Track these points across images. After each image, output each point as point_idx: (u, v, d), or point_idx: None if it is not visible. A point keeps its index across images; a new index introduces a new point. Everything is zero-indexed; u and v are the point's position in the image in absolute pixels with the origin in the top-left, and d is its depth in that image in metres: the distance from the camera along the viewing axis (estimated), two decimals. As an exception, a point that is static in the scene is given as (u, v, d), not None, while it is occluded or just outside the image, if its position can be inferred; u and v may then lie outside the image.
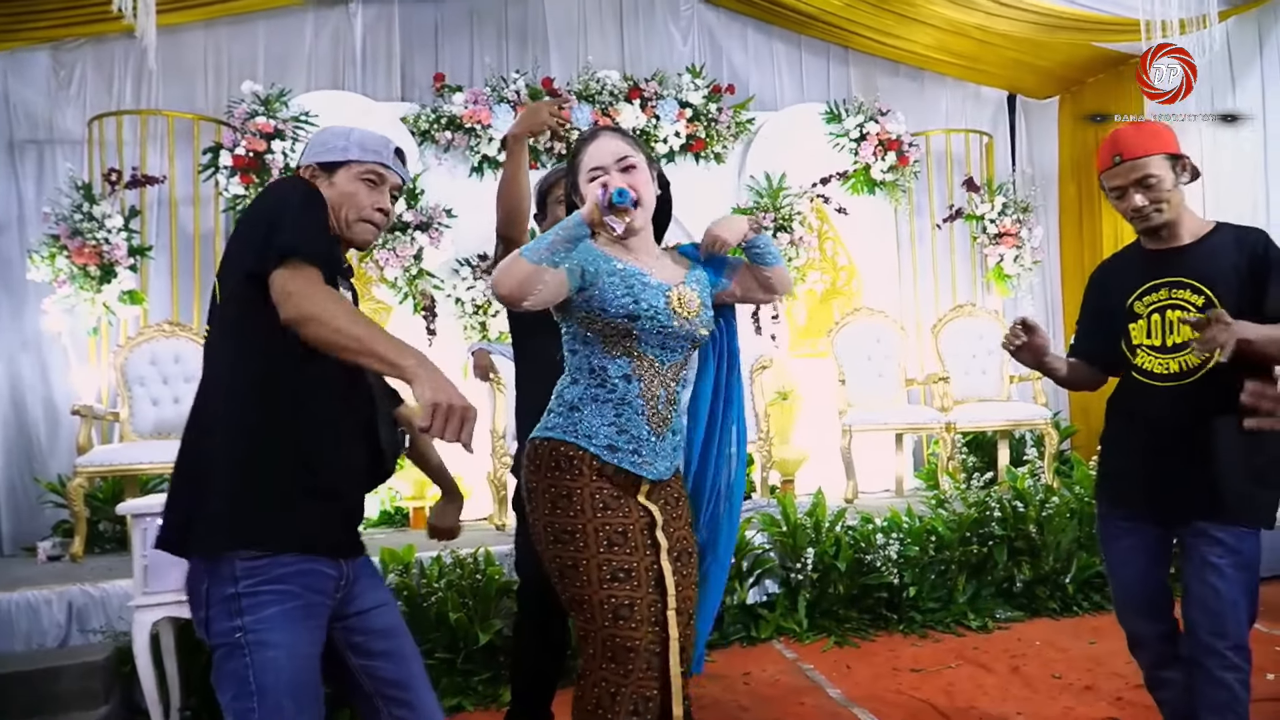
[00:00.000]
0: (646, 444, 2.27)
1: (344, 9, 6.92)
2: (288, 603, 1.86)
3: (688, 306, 2.28)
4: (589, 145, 2.34)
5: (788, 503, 4.83)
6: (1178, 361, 2.51)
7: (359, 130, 2.15)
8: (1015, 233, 7.12)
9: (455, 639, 4.05)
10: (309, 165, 2.09)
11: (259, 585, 1.84)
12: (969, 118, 7.93)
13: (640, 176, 2.30)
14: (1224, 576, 2.43)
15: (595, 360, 2.27)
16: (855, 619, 4.58)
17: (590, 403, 2.26)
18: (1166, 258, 2.57)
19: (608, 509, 2.22)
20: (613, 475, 2.25)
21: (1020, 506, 4.89)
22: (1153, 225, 2.55)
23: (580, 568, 2.19)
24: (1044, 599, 4.76)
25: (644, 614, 2.17)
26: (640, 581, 2.19)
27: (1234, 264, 2.47)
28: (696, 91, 6.76)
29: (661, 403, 2.29)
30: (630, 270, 2.26)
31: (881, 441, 6.45)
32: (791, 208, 6.78)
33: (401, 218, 6.03)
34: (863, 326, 6.52)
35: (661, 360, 2.29)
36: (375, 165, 2.10)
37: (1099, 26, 6.39)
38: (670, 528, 2.32)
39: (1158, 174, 2.50)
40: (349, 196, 2.07)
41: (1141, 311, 2.58)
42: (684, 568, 2.32)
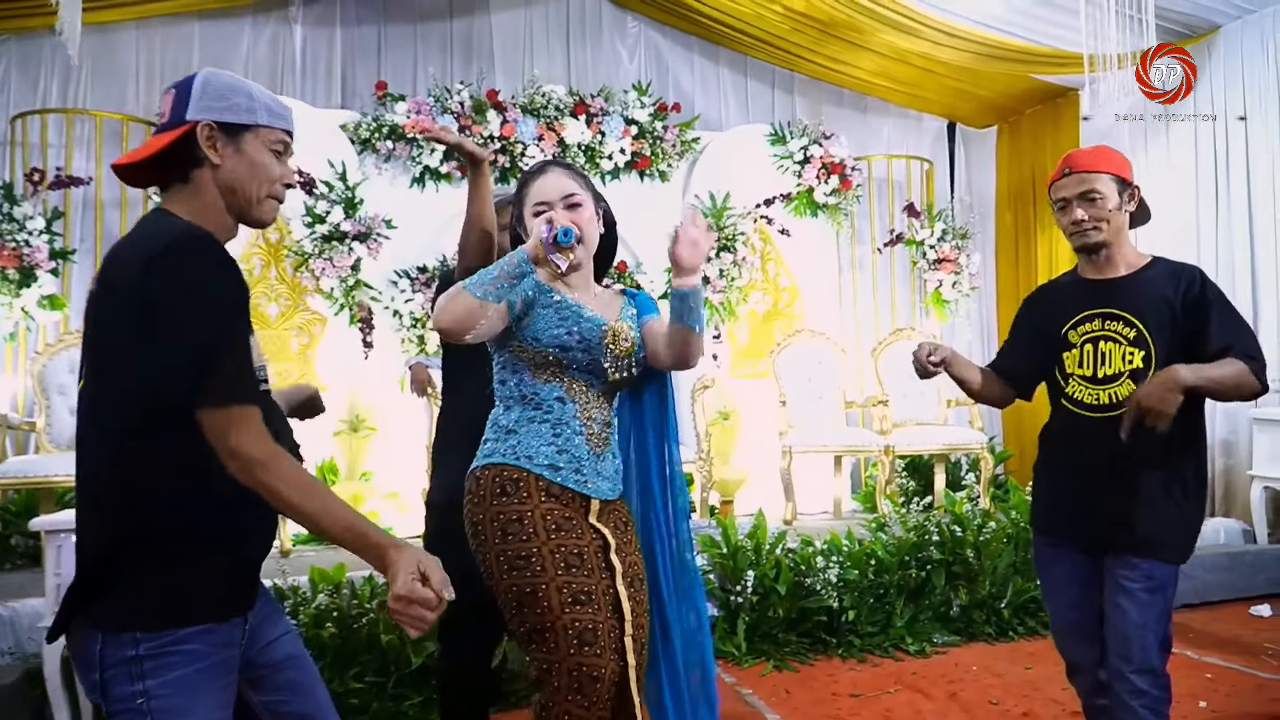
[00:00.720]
0: (587, 463, 2.23)
1: (284, 14, 6.80)
2: (196, 664, 1.65)
3: (620, 343, 2.26)
4: (536, 179, 2.32)
5: (729, 524, 4.78)
6: (1108, 393, 2.52)
7: (255, 85, 1.81)
8: (954, 259, 7.20)
9: (386, 662, 3.92)
10: (206, 122, 1.71)
11: (163, 648, 1.62)
12: (910, 144, 8.03)
13: (584, 214, 2.29)
14: (1135, 600, 2.45)
15: (526, 387, 2.24)
16: (794, 643, 4.53)
17: (527, 424, 2.22)
18: (1102, 288, 2.58)
19: (561, 530, 2.15)
20: (560, 495, 2.20)
21: (958, 531, 4.90)
22: (1089, 243, 2.55)
23: (540, 593, 2.09)
24: (980, 623, 4.77)
25: (606, 639, 2.10)
26: (600, 605, 2.12)
27: (1167, 299, 2.49)
28: (642, 109, 6.73)
29: (598, 424, 2.27)
30: (566, 302, 2.24)
31: (820, 463, 6.44)
32: (735, 228, 6.78)
33: (339, 227, 5.90)
34: (804, 348, 6.52)
35: (592, 384, 2.27)
36: (285, 133, 1.81)
37: (1038, 59, 6.52)
38: (622, 552, 2.27)
39: (1102, 191, 2.52)
40: (260, 169, 1.76)
41: (1075, 340, 2.59)
42: (636, 593, 2.26)
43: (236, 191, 1.75)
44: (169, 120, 1.74)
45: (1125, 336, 2.51)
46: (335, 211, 5.92)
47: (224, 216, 1.76)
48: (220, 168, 1.73)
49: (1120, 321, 2.52)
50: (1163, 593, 2.47)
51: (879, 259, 7.54)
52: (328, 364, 6.03)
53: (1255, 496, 5.55)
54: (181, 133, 1.71)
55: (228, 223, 1.77)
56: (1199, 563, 5.16)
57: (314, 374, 6.00)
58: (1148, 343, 2.48)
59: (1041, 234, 7.52)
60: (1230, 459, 5.99)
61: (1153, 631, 2.45)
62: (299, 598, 4.02)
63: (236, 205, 1.77)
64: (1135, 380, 2.45)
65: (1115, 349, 2.52)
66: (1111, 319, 2.53)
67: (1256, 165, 5.90)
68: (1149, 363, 2.47)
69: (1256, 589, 5.15)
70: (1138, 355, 2.48)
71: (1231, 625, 4.67)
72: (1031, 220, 7.67)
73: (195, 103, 1.72)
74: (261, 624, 1.84)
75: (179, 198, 1.74)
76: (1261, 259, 5.89)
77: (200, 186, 1.74)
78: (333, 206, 5.94)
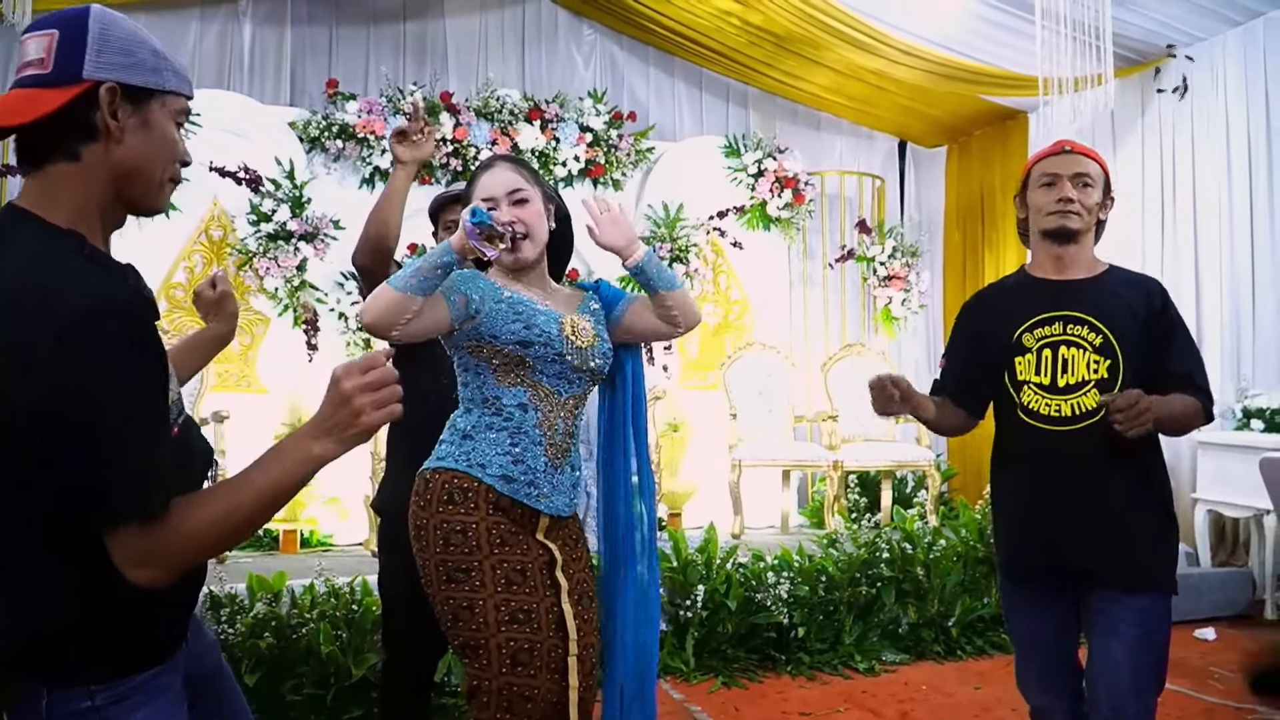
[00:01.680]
0: (543, 476, 2.16)
1: (233, 8, 6.64)
2: (161, 696, 1.46)
3: (581, 335, 2.20)
4: (482, 175, 2.26)
5: (679, 538, 4.73)
6: (1070, 404, 2.29)
7: (152, 37, 1.42)
8: (904, 276, 7.25)
9: (326, 673, 3.79)
10: (111, 84, 1.33)
11: (123, 695, 1.41)
12: (862, 161, 8.07)
13: (531, 210, 2.22)
14: (1129, 645, 2.22)
15: (488, 390, 2.17)
16: (743, 659, 4.48)
17: (484, 431, 2.15)
18: (1063, 289, 2.38)
19: (505, 545, 2.09)
20: (508, 509, 2.12)
21: (909, 548, 4.89)
22: (1069, 227, 2.35)
23: (476, 609, 2.04)
24: (929, 641, 4.75)
25: (544, 660, 2.04)
26: (541, 624, 2.05)
27: (1131, 309, 2.33)
28: (598, 116, 6.67)
29: (560, 434, 2.19)
30: (518, 298, 2.18)
31: (768, 477, 6.41)
32: (688, 239, 6.74)
33: (285, 226, 5.75)
34: (754, 361, 6.51)
35: (559, 391, 2.19)
36: (187, 101, 1.46)
37: (990, 80, 6.58)
38: (570, 568, 2.20)
39: (1094, 180, 2.38)
40: (164, 144, 1.40)
41: (1030, 345, 2.35)
42: (585, 611, 2.20)
43: (136, 175, 1.39)
44: (52, 72, 1.32)
45: (1090, 342, 2.30)
46: (281, 210, 5.77)
47: (111, 209, 1.40)
48: (121, 144, 1.35)
49: (1085, 325, 2.31)
50: (1159, 631, 2.26)
51: (830, 274, 7.55)
52: (270, 366, 5.87)
53: (1199, 520, 5.62)
54: (76, 93, 1.31)
55: (115, 216, 1.42)
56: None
57: (255, 375, 5.84)
58: (1115, 351, 2.29)
59: (989, 253, 7.59)
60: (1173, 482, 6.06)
61: (1150, 679, 2.25)
62: (236, 606, 3.88)
63: (132, 191, 1.40)
64: (1102, 391, 2.26)
65: (1079, 355, 2.30)
66: (1074, 322, 2.32)
67: (1202, 189, 6.00)
68: (1115, 373, 2.28)
69: (1201, 612, 5.20)
70: (1104, 364, 2.28)
71: (1176, 648, 4.53)
72: (979, 240, 7.74)
73: (93, 55, 1.32)
74: (192, 638, 1.66)
75: (54, 184, 1.34)
76: (1205, 283, 5.98)
77: (90, 169, 1.35)
78: (279, 205, 5.79)
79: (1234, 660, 4.62)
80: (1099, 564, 2.27)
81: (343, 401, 1.31)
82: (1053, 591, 2.38)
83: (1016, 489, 2.44)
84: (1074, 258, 2.40)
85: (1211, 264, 5.96)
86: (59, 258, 1.30)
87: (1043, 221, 2.40)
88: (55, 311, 1.22)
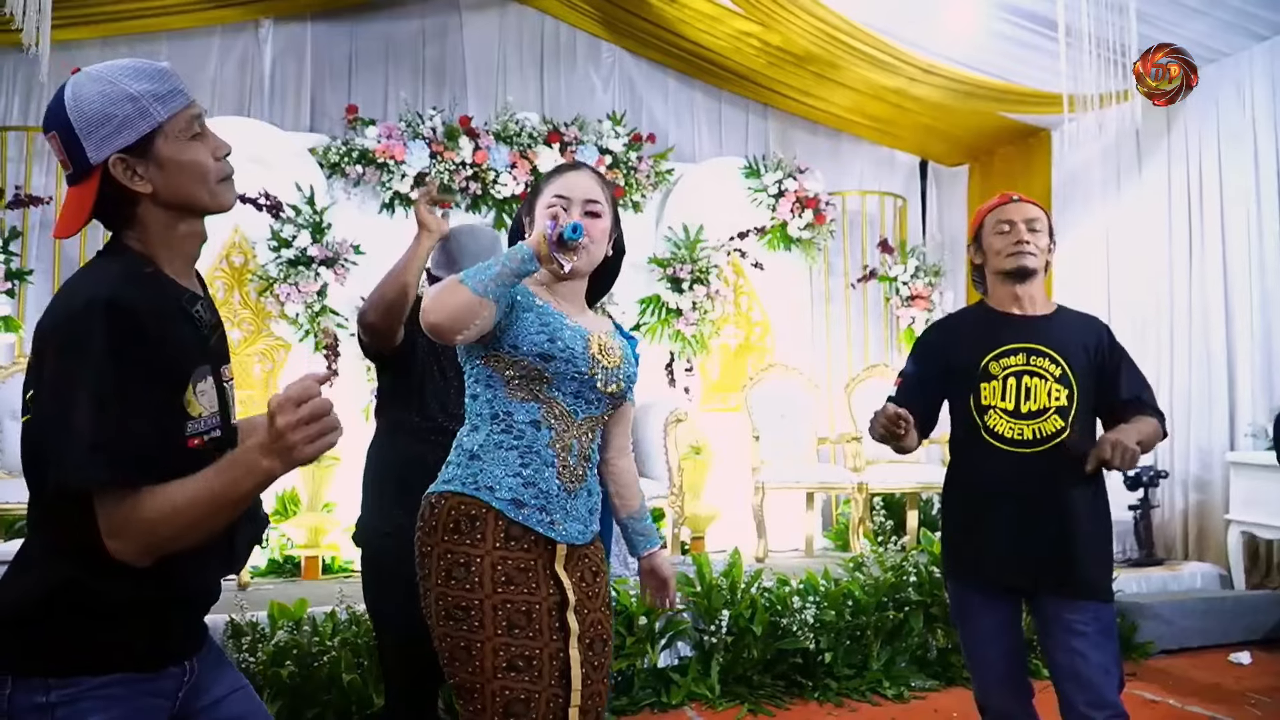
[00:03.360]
0: (556, 500, 2.01)
1: (253, 33, 6.68)
2: (114, 709, 1.49)
3: (609, 355, 2.08)
4: (567, 173, 2.15)
5: (704, 562, 4.66)
6: (1033, 428, 2.53)
7: (123, 72, 1.52)
8: (927, 295, 7.19)
9: (348, 702, 3.75)
10: (118, 158, 1.50)
11: (79, 695, 1.46)
12: (883, 181, 8.03)
13: (600, 225, 2.11)
14: (1092, 643, 2.44)
15: (499, 405, 2.03)
16: (770, 685, 4.40)
17: (493, 450, 2.01)
18: (1027, 324, 2.62)
19: (511, 584, 1.95)
20: (520, 537, 1.98)
21: (936, 571, 4.80)
22: (1026, 266, 2.59)
23: (473, 652, 1.91)
24: (959, 667, 4.65)
25: (541, 711, 1.91)
26: (542, 672, 1.93)
27: (1083, 344, 2.59)
28: (617, 139, 6.66)
29: (574, 455, 2.05)
30: (549, 309, 2.06)
31: (791, 500, 6.34)
32: (708, 260, 6.70)
33: (306, 251, 5.76)
34: (776, 383, 6.45)
35: (575, 412, 2.06)
36: (188, 110, 1.56)
37: (1011, 97, 6.54)
38: (584, 608, 2.06)
39: (1042, 226, 2.64)
40: (192, 169, 1.55)
41: (996, 373, 2.58)
42: (596, 657, 2.06)
43: (183, 200, 1.57)
44: (74, 171, 1.53)
45: (1051, 373, 2.54)
46: (302, 236, 5.78)
47: (188, 232, 1.61)
48: (155, 192, 1.54)
49: (1046, 358, 2.56)
50: (1112, 633, 2.51)
51: (852, 294, 7.50)
52: (291, 392, 5.85)
53: (1233, 542, 5.51)
54: (96, 182, 1.51)
55: (194, 230, 1.62)
56: (1177, 608, 5.11)
57: (276, 402, 5.82)
58: (1071, 382, 2.54)
59: (1013, 273, 7.51)
60: (1203, 499, 5.97)
61: (1114, 673, 2.46)
62: (257, 634, 3.85)
63: (191, 208, 1.59)
64: (1061, 416, 2.52)
65: (1041, 384, 2.54)
66: (1037, 355, 2.56)
67: (1230, 205, 5.92)
68: (1072, 401, 2.53)
69: (1235, 635, 5.08)
70: (1063, 393, 2.53)
71: (1211, 673, 4.60)
72: (1003, 259, 7.67)
73: (87, 142, 1.50)
74: (213, 681, 1.68)
75: (132, 234, 1.57)
76: (1236, 301, 5.88)
77: (148, 219, 1.56)
78: (299, 231, 5.80)
79: (1270, 685, 4.51)
80: (1054, 573, 2.50)
81: (277, 436, 1.36)
82: (1001, 596, 2.59)
83: (975, 503, 2.62)
84: (1031, 295, 2.65)
85: (1241, 281, 5.86)
86: (102, 268, 1.53)
87: (1002, 263, 2.64)
88: (62, 307, 1.47)
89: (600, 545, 2.20)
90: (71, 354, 1.43)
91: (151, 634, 1.54)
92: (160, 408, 1.50)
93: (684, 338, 6.65)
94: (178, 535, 1.43)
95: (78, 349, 1.42)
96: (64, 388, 1.42)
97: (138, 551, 1.42)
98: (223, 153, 1.61)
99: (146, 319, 1.47)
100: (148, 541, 1.42)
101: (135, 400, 1.44)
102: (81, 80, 1.52)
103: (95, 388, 1.40)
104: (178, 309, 1.56)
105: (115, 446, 1.40)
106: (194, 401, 1.55)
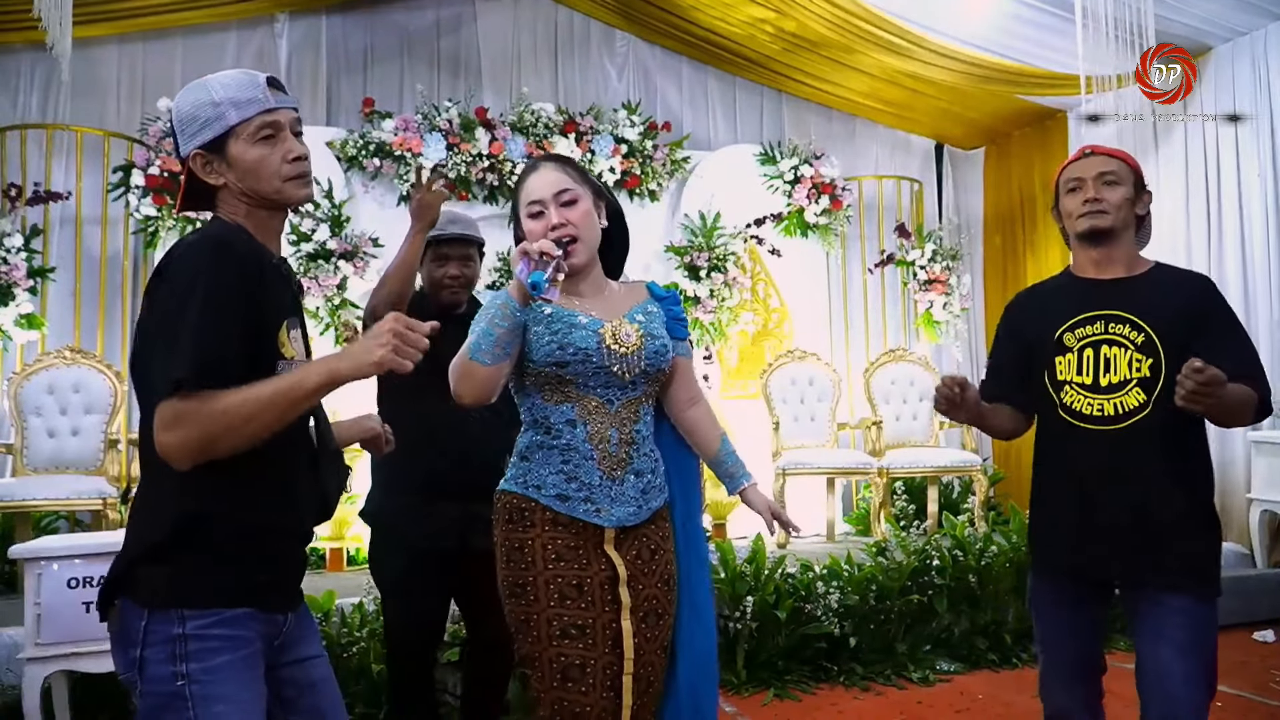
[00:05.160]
0: (599, 490, 2.12)
1: (269, 28, 6.70)
2: (241, 650, 1.64)
3: (624, 342, 2.13)
4: (529, 177, 2.20)
5: (727, 549, 4.68)
6: (1113, 402, 2.29)
7: (217, 81, 1.76)
8: (944, 280, 7.17)
9: (377, 692, 3.79)
10: (197, 153, 1.74)
11: (209, 628, 1.62)
12: (898, 165, 8.01)
13: (579, 210, 2.15)
14: (1182, 653, 2.19)
15: (537, 411, 2.16)
16: (795, 670, 4.43)
17: (537, 450, 2.15)
18: (1103, 288, 2.38)
19: (561, 560, 2.09)
20: (568, 524, 2.11)
21: (959, 555, 4.82)
22: (1099, 226, 2.35)
23: (531, 623, 2.06)
24: (983, 650, 4.68)
25: (597, 677, 2.03)
26: (595, 640, 2.05)
27: (1176, 307, 2.30)
28: (632, 128, 6.67)
29: (614, 444, 2.13)
30: (558, 314, 2.12)
31: (812, 485, 6.36)
32: (725, 248, 6.71)
33: (325, 245, 5.79)
34: (795, 369, 6.46)
35: (609, 400, 2.13)
36: (261, 117, 1.74)
37: (1027, 79, 6.51)
38: (638, 583, 2.14)
39: (1120, 177, 2.39)
40: (258, 166, 1.74)
41: (1071, 344, 2.36)
42: (650, 629, 2.14)
43: (254, 194, 1.77)
44: (180, 160, 1.81)
45: (1132, 341, 2.29)
46: (321, 229, 5.81)
47: (267, 214, 1.81)
48: (227, 184, 1.76)
49: (1126, 324, 2.30)
50: (1207, 634, 2.24)
51: (869, 279, 7.49)
52: (313, 385, 5.88)
53: (1254, 520, 5.50)
54: (185, 171, 1.78)
55: (269, 213, 1.81)
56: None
57: (299, 395, 5.86)
58: (1157, 350, 2.26)
59: (1030, 255, 7.49)
60: (1225, 478, 5.95)
61: (1202, 684, 2.21)
62: (287, 626, 3.88)
63: (263, 202, 1.78)
64: (1145, 390, 2.26)
65: (1121, 354, 2.29)
66: (1116, 321, 2.32)
67: (1248, 183, 5.89)
68: (1158, 372, 2.25)
69: (1259, 614, 5.07)
70: (1146, 363, 2.27)
71: (1236, 651, 4.59)
72: (1020, 242, 7.65)
73: (181, 137, 1.76)
74: (302, 639, 1.84)
75: (223, 212, 1.80)
76: (1255, 281, 5.86)
77: (228, 204, 1.78)
78: (319, 224, 5.83)
79: (1295, 663, 4.53)
80: (1140, 565, 2.27)
81: (378, 332, 1.57)
82: (1083, 591, 2.40)
83: (1057, 488, 2.42)
84: (1112, 256, 2.41)
85: (1260, 261, 5.84)
86: (207, 228, 1.76)
87: (1075, 225, 2.42)
88: (176, 249, 1.68)
89: (664, 523, 2.24)
90: (183, 277, 1.61)
91: (268, 567, 1.71)
92: (255, 338, 1.67)
93: (702, 325, 6.66)
94: (233, 428, 1.55)
95: (190, 274, 1.61)
96: (174, 305, 1.59)
97: (188, 446, 1.54)
98: (293, 155, 1.77)
99: (248, 259, 1.69)
100: (205, 431, 1.53)
101: (234, 322, 1.62)
102: (190, 85, 1.78)
103: (201, 303, 1.58)
104: (270, 264, 1.76)
105: (211, 354, 1.56)
106: (287, 343, 1.74)
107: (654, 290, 2.33)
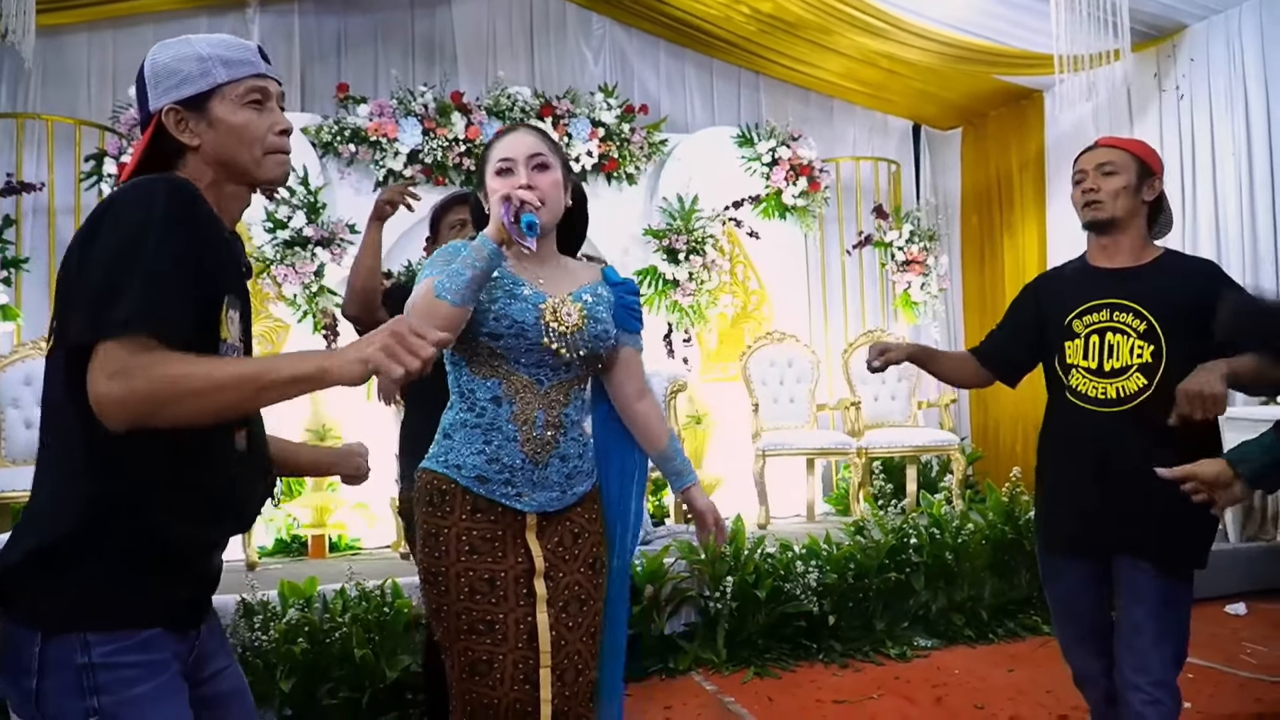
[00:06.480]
0: (521, 473, 2.06)
1: (240, 15, 6.63)
2: (160, 675, 1.43)
3: (564, 321, 2.08)
4: (505, 136, 2.15)
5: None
6: (1115, 387, 2.42)
7: (203, 38, 1.62)
8: (922, 260, 7.21)
9: (360, 677, 3.80)
10: (172, 108, 1.56)
11: (120, 654, 1.39)
12: (876, 146, 8.03)
13: (549, 177, 2.11)
14: (1152, 614, 2.38)
15: (464, 383, 2.11)
16: (775, 648, 4.47)
17: (461, 429, 2.10)
18: (1111, 277, 2.50)
19: (475, 553, 2.05)
20: (487, 510, 2.06)
21: (936, 533, 4.87)
22: (1096, 218, 2.48)
23: (443, 614, 2.06)
24: (960, 626, 4.73)
25: (507, 672, 2.00)
26: (506, 635, 2.02)
27: (1179, 292, 2.40)
28: (609, 111, 6.65)
29: (539, 426, 2.07)
30: (505, 278, 2.07)
31: (792, 466, 6.39)
32: (704, 230, 6.71)
33: (302, 232, 5.77)
34: (774, 351, 6.48)
35: (540, 381, 2.08)
36: (253, 80, 1.61)
37: (1003, 59, 6.52)
38: (558, 572, 2.10)
39: (1118, 166, 2.47)
40: (242, 131, 1.58)
41: (1079, 330, 2.49)
42: (571, 618, 2.09)
43: (228, 162, 1.59)
44: (140, 117, 1.62)
45: (1134, 329, 2.41)
46: (297, 216, 5.79)
47: (233, 193, 1.64)
48: (201, 147, 1.58)
49: (1129, 313, 2.43)
50: (1179, 604, 2.41)
51: (848, 261, 7.52)
52: (291, 372, 5.87)
53: (1227, 494, 5.56)
54: (153, 126, 1.58)
55: (239, 193, 1.65)
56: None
57: (277, 383, 5.85)
58: (1158, 336, 2.39)
59: (1007, 236, 7.52)
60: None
61: (1171, 645, 2.39)
62: (269, 612, 3.89)
63: (234, 172, 1.61)
64: (1145, 375, 2.39)
65: (1123, 341, 2.42)
66: (1120, 309, 2.44)
67: (1222, 162, 5.92)
68: (1159, 358, 2.38)
69: (1231, 587, 5.14)
70: (1147, 349, 2.39)
71: (1208, 624, 4.66)
72: (996, 222, 7.67)
73: (152, 91, 1.58)
74: (212, 650, 1.66)
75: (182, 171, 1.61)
76: (1228, 260, 5.89)
77: (194, 170, 1.59)
78: (295, 211, 5.80)
79: (1266, 634, 4.59)
80: (1133, 540, 2.41)
81: (379, 334, 1.37)
82: (1087, 562, 2.53)
83: (1061, 470, 2.59)
84: (1118, 244, 2.52)
85: (1234, 240, 5.87)
86: (178, 177, 1.53)
87: (1080, 216, 2.56)
88: (125, 185, 1.47)
89: (591, 507, 2.20)
90: (139, 213, 1.41)
91: (185, 580, 1.52)
92: (204, 308, 1.49)
93: (681, 308, 6.67)
94: (181, 398, 1.33)
95: (145, 211, 1.41)
96: (124, 238, 1.39)
97: (130, 402, 1.32)
98: (280, 127, 1.63)
99: (202, 211, 1.51)
100: (148, 392, 1.32)
101: (188, 278, 1.42)
102: (166, 41, 1.62)
103: (156, 244, 1.39)
104: (221, 235, 1.58)
105: (164, 303, 1.37)
106: (225, 324, 1.54)
107: (609, 275, 2.27)
